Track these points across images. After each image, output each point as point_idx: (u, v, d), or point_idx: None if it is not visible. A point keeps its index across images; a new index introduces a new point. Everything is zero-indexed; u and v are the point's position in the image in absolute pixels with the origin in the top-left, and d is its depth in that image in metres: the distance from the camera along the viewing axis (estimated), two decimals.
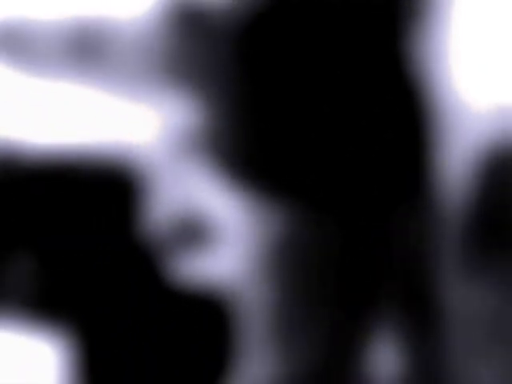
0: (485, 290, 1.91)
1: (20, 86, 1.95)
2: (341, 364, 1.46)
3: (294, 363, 1.48)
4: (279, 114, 1.47)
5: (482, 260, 1.89)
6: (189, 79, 1.55)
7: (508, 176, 2.05)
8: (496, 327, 1.98)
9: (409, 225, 1.55)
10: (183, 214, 1.70)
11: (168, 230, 1.79)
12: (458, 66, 1.63)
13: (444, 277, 1.62)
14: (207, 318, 1.67)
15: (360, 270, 1.50)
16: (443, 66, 1.60)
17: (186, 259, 1.62)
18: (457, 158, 1.70)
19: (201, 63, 1.48)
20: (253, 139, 1.47)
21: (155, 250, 1.80)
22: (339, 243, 1.47)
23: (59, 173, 1.97)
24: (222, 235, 1.53)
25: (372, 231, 1.47)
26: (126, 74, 1.94)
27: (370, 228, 1.48)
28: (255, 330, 1.44)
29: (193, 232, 1.70)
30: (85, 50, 1.97)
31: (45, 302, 1.98)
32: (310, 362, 1.48)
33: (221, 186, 1.48)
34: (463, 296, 1.71)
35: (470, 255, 1.82)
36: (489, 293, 1.96)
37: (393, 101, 1.51)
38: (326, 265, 1.48)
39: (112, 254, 1.93)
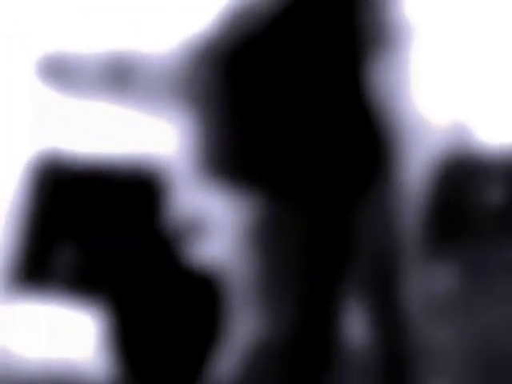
0: (439, 271, 2.35)
1: (68, 107, 2.48)
2: (312, 328, 1.87)
3: (274, 324, 1.89)
4: (259, 124, 1.90)
5: (437, 247, 2.33)
6: (198, 101, 2.00)
7: (460, 179, 2.50)
8: (448, 301, 2.44)
9: (375, 215, 1.95)
10: (192, 212, 2.18)
11: (181, 224, 2.29)
12: (418, 87, 2.04)
13: (406, 260, 2.02)
14: (207, 287, 2.17)
15: (327, 248, 1.90)
16: (404, 88, 1.99)
17: (193, 245, 2.09)
18: (418, 164, 2.11)
19: (205, 88, 1.92)
20: (237, 144, 1.90)
21: (172, 238, 2.32)
22: (308, 225, 1.88)
23: (101, 177, 2.48)
24: (216, 227, 1.99)
25: (336, 217, 1.88)
26: (151, 96, 2.43)
27: (334, 214, 1.89)
28: (242, 296, 1.88)
29: (198, 225, 2.18)
30: (119, 77, 2.47)
31: (86, 281, 2.48)
32: (286, 323, 1.89)
33: (214, 188, 1.94)
34: (421, 275, 2.13)
35: (427, 243, 2.25)
36: (443, 273, 2.41)
37: (357, 115, 1.93)
38: (297, 244, 1.90)
39: (140, 241, 2.45)
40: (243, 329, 1.93)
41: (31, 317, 2.74)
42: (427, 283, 2.39)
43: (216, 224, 1.99)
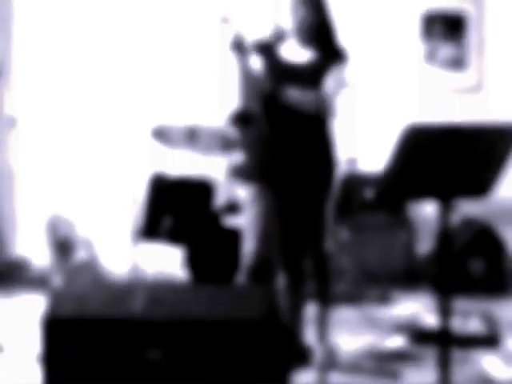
0: (342, 230, 4.49)
1: (168, 152, 4.43)
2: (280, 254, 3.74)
3: (259, 251, 3.57)
4: (269, 154, 3.57)
5: (341, 218, 4.50)
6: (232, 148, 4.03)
7: (351, 185, 4.73)
8: (351, 247, 4.55)
9: (321, 206, 3.83)
10: (230, 200, 4.21)
11: (224, 204, 4.26)
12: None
13: (329, 225, 4.02)
14: (235, 237, 4.16)
15: (292, 225, 3.64)
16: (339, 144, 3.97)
17: (228, 218, 4.11)
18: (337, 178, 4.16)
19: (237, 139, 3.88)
20: (252, 165, 3.54)
21: (219, 212, 4.31)
22: (285, 206, 3.57)
23: (184, 184, 4.44)
24: (240, 207, 3.97)
25: (302, 204, 3.74)
26: (209, 146, 4.38)
27: (301, 202, 3.72)
28: (247, 237, 3.73)
29: (233, 206, 4.22)
30: (192, 137, 4.43)
31: (176, 237, 4.36)
32: (266, 251, 3.53)
33: (241, 187, 3.85)
34: (335, 233, 4.22)
35: (337, 217, 4.36)
36: (344, 231, 4.56)
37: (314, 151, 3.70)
38: (278, 213, 3.59)
39: (203, 214, 4.37)
40: (246, 257, 3.54)
41: (151, 251, 4.79)
42: (337, 236, 4.50)
43: (239, 205, 3.92)
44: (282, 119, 3.44)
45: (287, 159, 3.36)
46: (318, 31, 3.47)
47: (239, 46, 3.37)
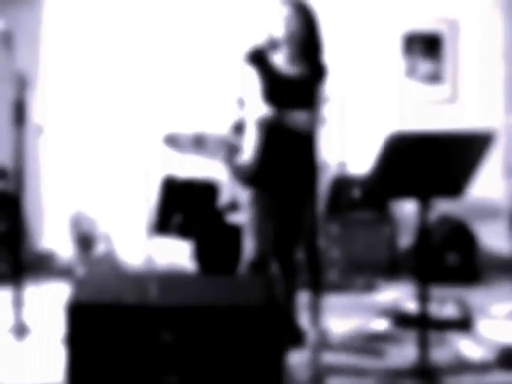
0: (332, 225, 4.48)
1: (178, 157, 4.44)
2: (276, 250, 3.71)
3: (258, 247, 3.45)
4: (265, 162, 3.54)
5: (331, 215, 4.48)
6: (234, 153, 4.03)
7: (340, 187, 4.72)
8: (336, 237, 4.54)
9: (310, 206, 3.82)
10: (233, 199, 4.21)
11: (227, 204, 4.26)
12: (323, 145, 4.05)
13: (320, 222, 4.06)
14: (236, 233, 4.23)
15: (287, 221, 3.63)
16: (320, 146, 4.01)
17: (231, 216, 4.09)
18: (325, 180, 4.21)
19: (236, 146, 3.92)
20: (253, 170, 3.49)
21: (223, 210, 4.31)
22: (279, 206, 3.59)
23: (193, 185, 4.44)
24: (240, 206, 3.92)
25: (289, 207, 3.67)
26: (213, 152, 4.39)
27: (287, 204, 3.67)
28: (248, 234, 3.71)
29: (235, 205, 4.22)
30: (199, 144, 4.42)
31: (184, 232, 4.38)
32: (264, 247, 3.48)
33: (241, 188, 3.79)
34: (325, 228, 4.23)
35: (328, 214, 4.37)
36: (334, 226, 4.54)
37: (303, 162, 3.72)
38: (274, 213, 3.56)
39: (206, 213, 4.40)
40: (246, 252, 3.49)
41: (162, 244, 4.80)
42: (328, 231, 4.50)
43: (241, 204, 3.90)
44: (277, 136, 3.38)
45: (280, 167, 3.36)
46: (308, 45, 3.39)
47: (258, 58, 3.30)
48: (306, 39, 3.39)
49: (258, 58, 3.40)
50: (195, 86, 5.59)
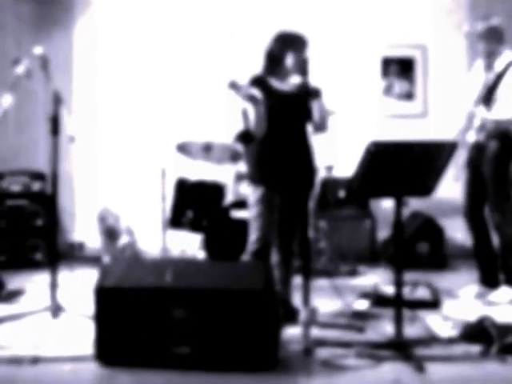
0: (321, 221, 4.46)
1: (189, 161, 4.37)
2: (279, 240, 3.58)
3: (262, 237, 3.37)
4: (267, 162, 3.44)
5: (320, 212, 4.46)
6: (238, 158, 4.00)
7: (328, 187, 4.67)
8: (328, 234, 4.49)
9: (306, 203, 3.72)
10: (238, 195, 4.18)
11: (231, 203, 4.23)
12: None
13: (311, 218, 4.04)
14: (242, 226, 4.11)
15: (287, 214, 3.62)
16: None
17: (235, 212, 4.08)
18: (317, 183, 4.16)
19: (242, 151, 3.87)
20: (256, 169, 3.42)
21: (228, 208, 4.29)
22: (281, 202, 3.56)
23: (203, 186, 4.39)
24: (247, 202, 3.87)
25: (291, 203, 3.67)
26: (220, 158, 4.37)
27: (291, 202, 3.65)
28: (252, 227, 3.58)
29: (239, 203, 4.18)
30: (207, 150, 4.40)
31: (195, 226, 4.35)
32: (268, 237, 3.39)
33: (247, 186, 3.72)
34: (315, 224, 4.20)
35: (317, 211, 4.34)
36: (323, 222, 4.51)
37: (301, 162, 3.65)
38: (277, 207, 3.55)
39: (214, 210, 4.40)
40: (251, 243, 3.44)
41: (176, 236, 4.81)
42: (317, 225, 4.48)
43: (244, 203, 3.86)
44: (280, 141, 3.39)
45: (283, 170, 3.35)
46: (300, 67, 3.32)
47: (235, 86, 3.24)
48: (298, 62, 3.31)
49: (260, 82, 3.39)
50: (206, 101, 5.58)
